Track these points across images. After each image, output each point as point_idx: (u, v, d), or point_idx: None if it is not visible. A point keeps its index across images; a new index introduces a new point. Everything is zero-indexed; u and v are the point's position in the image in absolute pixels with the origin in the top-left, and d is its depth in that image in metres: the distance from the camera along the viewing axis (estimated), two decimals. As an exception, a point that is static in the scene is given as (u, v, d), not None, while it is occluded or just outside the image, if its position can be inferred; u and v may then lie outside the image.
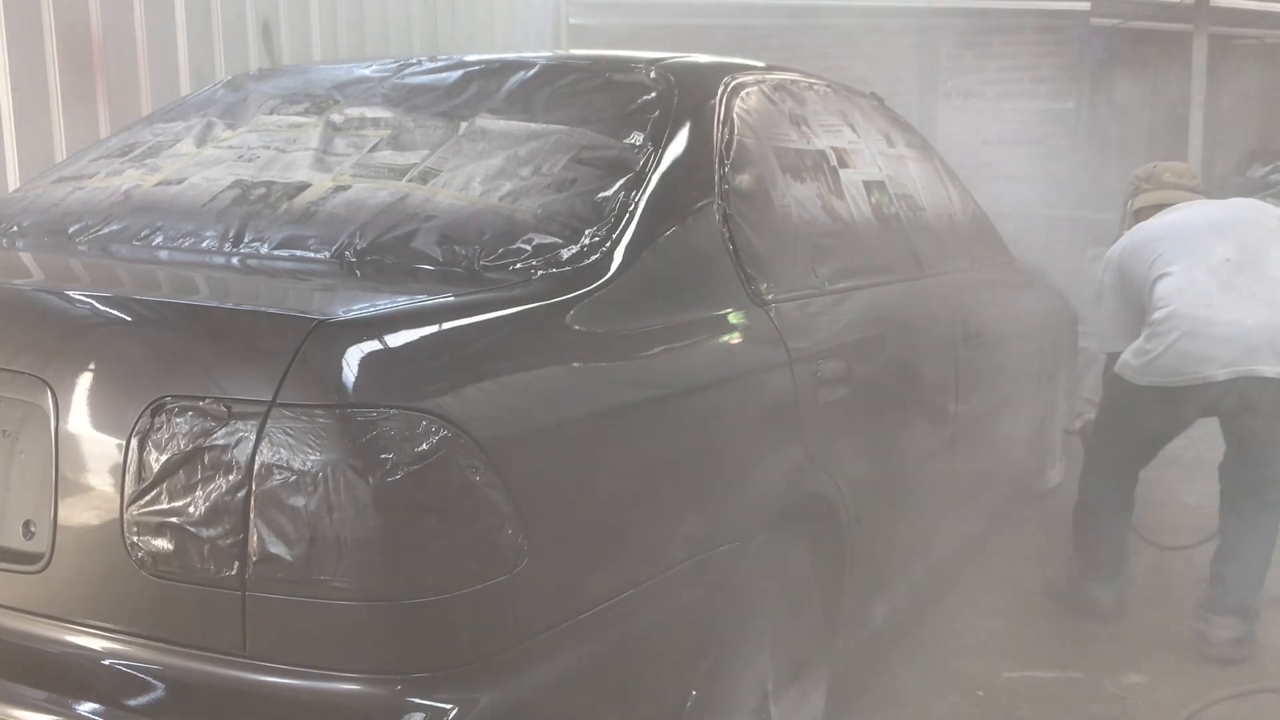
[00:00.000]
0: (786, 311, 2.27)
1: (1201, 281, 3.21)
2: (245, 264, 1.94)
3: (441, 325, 1.62)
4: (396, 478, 1.44)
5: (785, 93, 2.73)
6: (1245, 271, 3.21)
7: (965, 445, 3.27)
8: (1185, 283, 3.23)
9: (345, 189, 2.07)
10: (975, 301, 3.38)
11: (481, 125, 2.24)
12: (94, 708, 1.52)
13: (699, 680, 1.90)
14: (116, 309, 1.66)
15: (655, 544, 1.81)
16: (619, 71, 2.43)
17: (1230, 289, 3.19)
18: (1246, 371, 3.12)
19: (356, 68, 2.65)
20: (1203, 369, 3.16)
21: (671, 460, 1.87)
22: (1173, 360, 3.20)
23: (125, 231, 2.08)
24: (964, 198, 3.80)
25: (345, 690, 1.45)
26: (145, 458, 1.49)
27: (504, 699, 1.51)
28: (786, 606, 2.22)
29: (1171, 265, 3.26)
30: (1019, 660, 3.18)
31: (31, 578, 1.57)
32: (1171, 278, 3.25)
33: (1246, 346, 3.12)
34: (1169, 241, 3.32)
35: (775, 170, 2.47)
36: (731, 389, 2.06)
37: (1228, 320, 3.15)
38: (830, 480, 2.30)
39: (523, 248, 1.87)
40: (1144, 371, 3.27)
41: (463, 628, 1.50)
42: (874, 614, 2.75)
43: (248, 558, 1.44)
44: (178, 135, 2.43)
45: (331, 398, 1.45)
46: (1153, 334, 3.24)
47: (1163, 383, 3.24)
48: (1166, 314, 3.21)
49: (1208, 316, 3.16)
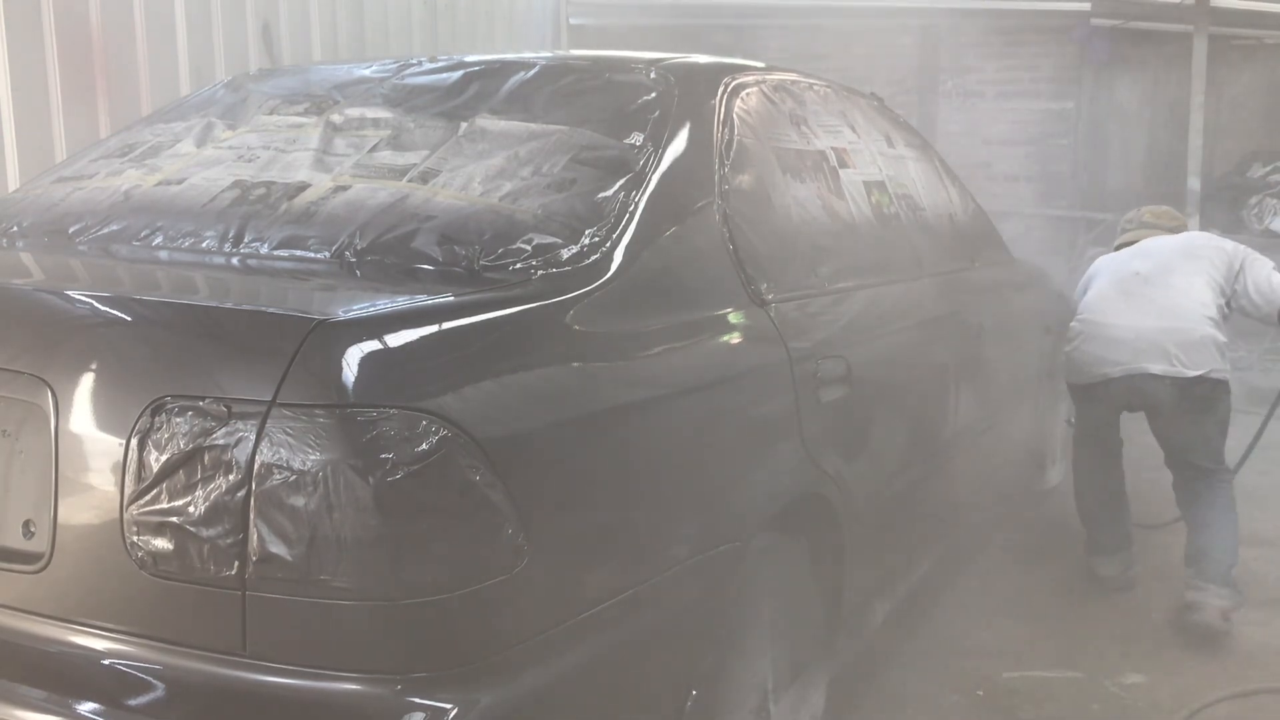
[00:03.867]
0: (786, 311, 2.27)
1: (1109, 293, 3.63)
2: (245, 264, 1.94)
3: (441, 325, 1.62)
4: (396, 478, 1.44)
5: (785, 93, 2.74)
6: (1153, 283, 3.54)
7: (965, 445, 3.27)
8: (1096, 295, 3.68)
9: (345, 189, 2.07)
10: (975, 301, 3.38)
11: (481, 125, 2.24)
12: (94, 708, 1.52)
13: (699, 680, 1.90)
14: (116, 309, 1.65)
15: (655, 544, 1.81)
16: (619, 71, 2.43)
17: (1132, 297, 3.55)
18: (1136, 369, 3.44)
19: (356, 68, 2.65)
20: (1100, 368, 3.54)
21: (671, 460, 1.87)
22: (1078, 360, 3.64)
23: (125, 231, 2.08)
24: (964, 198, 3.80)
25: (345, 690, 1.45)
26: (145, 457, 1.49)
27: (504, 699, 1.51)
28: (786, 606, 2.22)
29: (1096, 280, 3.74)
30: (1019, 660, 3.18)
31: (31, 577, 1.57)
32: (1090, 290, 3.73)
33: (1136, 349, 3.45)
34: (1105, 264, 3.80)
35: (775, 170, 2.47)
36: (731, 389, 2.06)
37: (1123, 325, 3.51)
38: (830, 480, 2.30)
39: (523, 248, 1.87)
40: (1067, 371, 3.76)
41: (463, 628, 1.49)
42: (874, 614, 2.75)
43: (248, 558, 1.44)
44: (178, 135, 2.43)
45: (331, 398, 1.45)
46: (1068, 339, 3.71)
47: (1075, 381, 3.70)
48: (1078, 320, 3.69)
49: (1107, 321, 3.56)
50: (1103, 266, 3.80)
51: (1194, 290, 3.49)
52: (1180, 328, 3.42)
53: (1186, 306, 3.46)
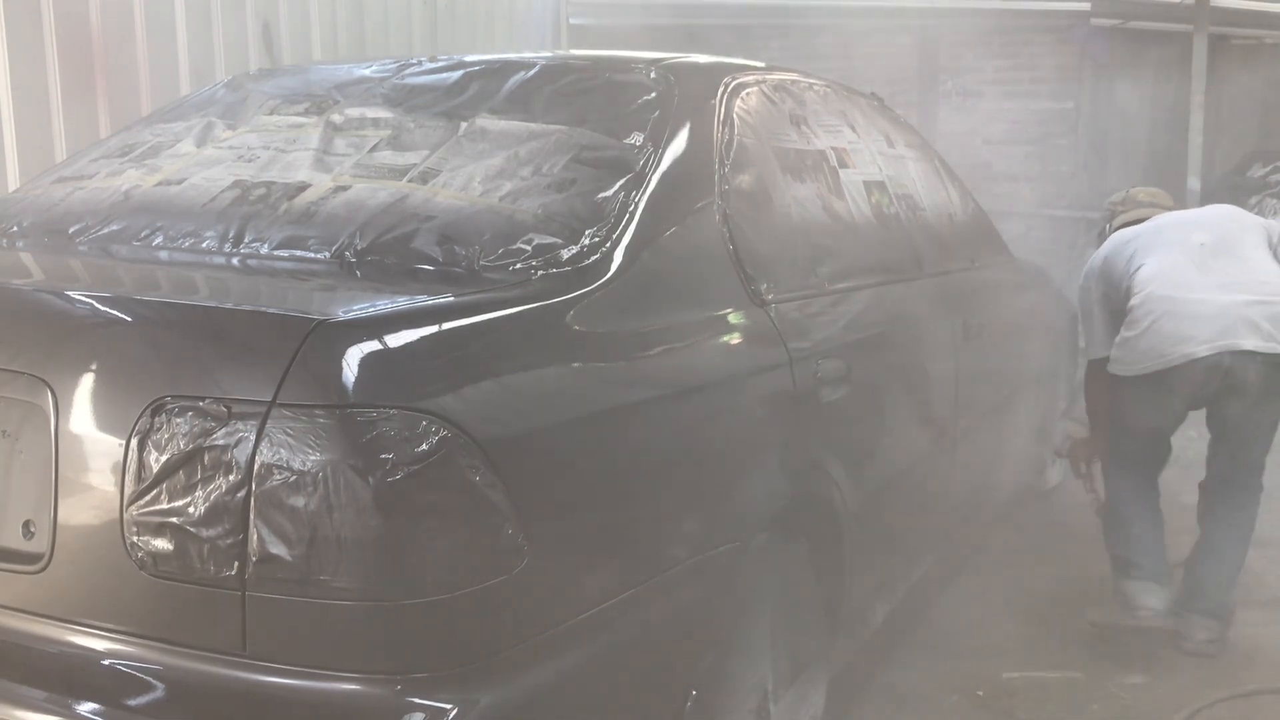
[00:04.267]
0: (786, 311, 2.27)
1: (1179, 264, 3.24)
2: (245, 264, 1.94)
3: (441, 325, 1.62)
4: (396, 478, 1.43)
5: (785, 93, 2.74)
6: (1220, 255, 3.25)
7: (965, 445, 3.27)
8: (1162, 268, 3.25)
9: (345, 189, 2.07)
10: (975, 301, 3.38)
11: (481, 125, 2.24)
12: (94, 708, 1.52)
13: (699, 680, 1.90)
14: (116, 309, 1.65)
15: (655, 544, 1.81)
16: (619, 71, 2.43)
17: (1206, 270, 3.22)
18: (1227, 345, 3.12)
19: (356, 68, 2.65)
20: (1184, 347, 3.15)
21: (671, 460, 1.87)
22: (1154, 342, 3.19)
23: (125, 232, 2.08)
24: (964, 198, 3.80)
25: (345, 690, 1.45)
26: (145, 458, 1.49)
27: (504, 699, 1.51)
28: (786, 606, 2.22)
29: (1148, 256, 3.30)
30: (1019, 660, 3.18)
31: (31, 578, 1.57)
32: (1147, 266, 3.28)
33: (1224, 324, 3.13)
34: (1145, 238, 3.38)
35: (775, 170, 2.47)
36: (731, 389, 2.06)
37: (1204, 299, 3.16)
38: (830, 480, 2.30)
39: (523, 248, 1.87)
40: (1128, 360, 3.26)
41: (463, 628, 1.50)
42: (874, 614, 2.75)
43: (247, 558, 1.44)
44: (178, 135, 2.43)
45: (331, 398, 1.45)
46: (1132, 320, 3.25)
47: (1149, 367, 3.21)
48: (1143, 298, 3.23)
49: (1185, 295, 3.18)
50: (1144, 242, 3.37)
51: (1265, 262, 3.27)
52: (1266, 300, 3.16)
53: (1265, 279, 3.22)
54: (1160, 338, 3.18)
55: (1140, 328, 3.22)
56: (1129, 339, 3.26)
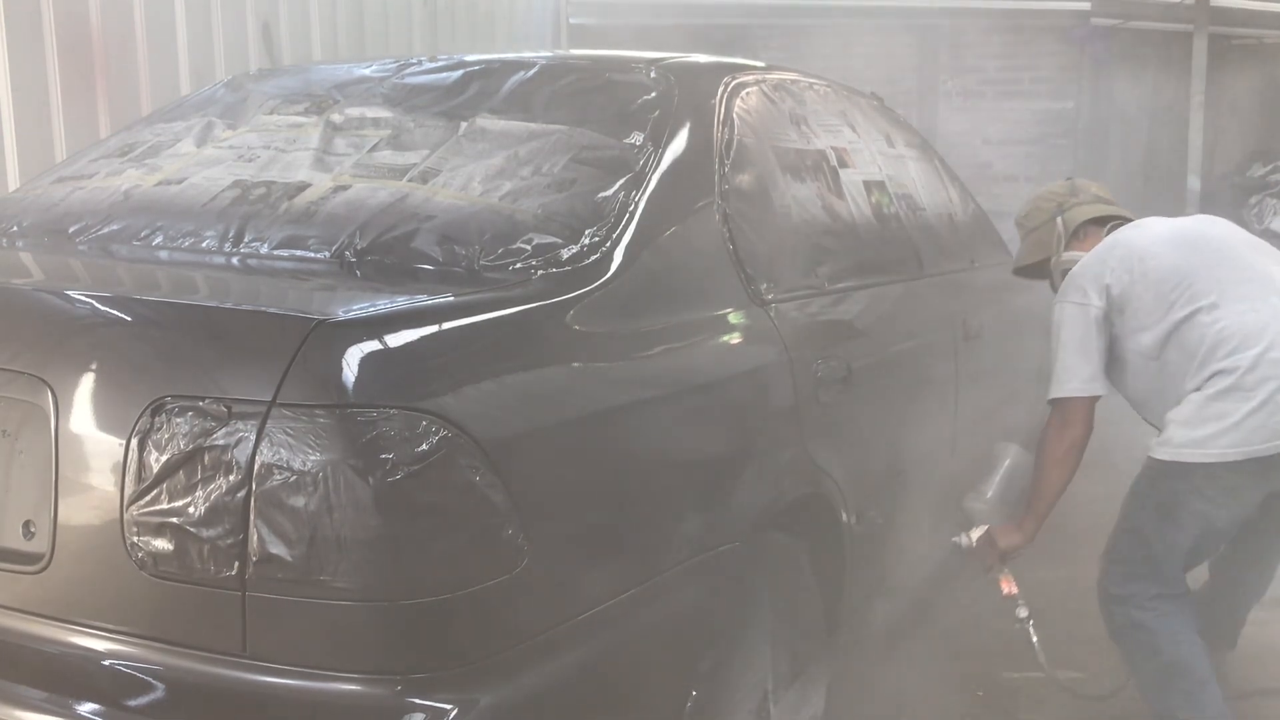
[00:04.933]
0: (786, 311, 2.27)
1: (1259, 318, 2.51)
2: (245, 264, 1.94)
3: (441, 325, 1.62)
4: (396, 478, 1.43)
5: (785, 93, 2.74)
6: None
7: (965, 445, 3.27)
8: (1264, 318, 2.50)
9: (345, 189, 2.07)
10: (975, 301, 3.38)
11: (481, 125, 2.24)
12: (94, 708, 1.52)
13: (699, 680, 1.90)
14: (116, 309, 1.65)
15: (655, 544, 1.81)
16: (619, 71, 2.43)
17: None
18: None
19: (356, 68, 2.65)
20: None
21: (671, 460, 1.87)
22: (1271, 417, 2.45)
23: (125, 231, 2.07)
24: (964, 198, 3.80)
25: (345, 690, 1.45)
26: (145, 458, 1.49)
27: (504, 699, 1.51)
28: (786, 606, 2.22)
29: (1218, 292, 2.55)
30: (1019, 660, 3.18)
31: (31, 578, 1.57)
32: (1232, 310, 2.51)
33: None
34: (1188, 258, 2.63)
35: (775, 170, 2.47)
36: (731, 389, 2.06)
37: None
38: (830, 480, 2.30)
39: (523, 248, 1.87)
40: (1221, 440, 2.48)
41: (463, 628, 1.49)
42: (874, 614, 2.75)
43: (248, 558, 1.44)
44: (178, 135, 2.43)
45: (331, 398, 1.45)
46: (1233, 388, 2.47)
47: (1257, 452, 2.46)
48: (1254, 359, 2.46)
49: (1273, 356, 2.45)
50: (1193, 267, 2.60)
51: None
52: None
53: None
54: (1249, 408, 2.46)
55: (1256, 398, 2.45)
56: (1228, 415, 2.47)
